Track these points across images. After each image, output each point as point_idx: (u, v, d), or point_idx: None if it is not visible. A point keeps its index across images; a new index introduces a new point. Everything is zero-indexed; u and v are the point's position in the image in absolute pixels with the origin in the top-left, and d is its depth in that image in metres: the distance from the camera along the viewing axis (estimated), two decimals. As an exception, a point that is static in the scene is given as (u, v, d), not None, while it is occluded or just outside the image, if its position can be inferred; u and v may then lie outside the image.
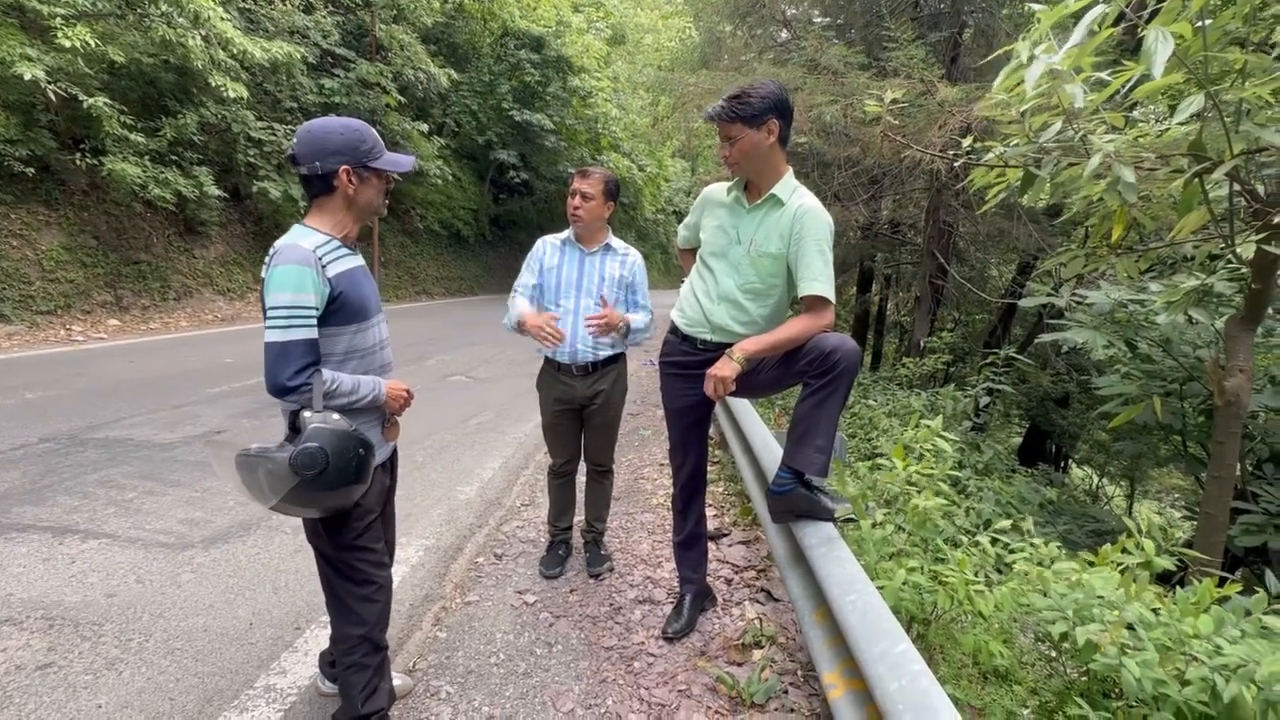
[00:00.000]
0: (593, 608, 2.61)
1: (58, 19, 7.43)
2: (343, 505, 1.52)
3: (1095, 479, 10.86)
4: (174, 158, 9.44)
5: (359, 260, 1.64)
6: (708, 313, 2.10)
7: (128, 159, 8.48)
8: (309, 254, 1.45)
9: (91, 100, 7.87)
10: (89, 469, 3.54)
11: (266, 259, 1.49)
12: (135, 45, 8.61)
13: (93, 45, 7.61)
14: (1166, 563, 1.84)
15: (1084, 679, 1.83)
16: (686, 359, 2.18)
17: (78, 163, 8.42)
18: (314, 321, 1.46)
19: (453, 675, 2.14)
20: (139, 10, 8.51)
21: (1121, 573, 1.74)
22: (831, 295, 1.90)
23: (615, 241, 2.69)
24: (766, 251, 2.00)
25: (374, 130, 1.57)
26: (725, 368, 1.88)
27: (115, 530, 2.89)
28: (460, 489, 3.83)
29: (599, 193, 2.56)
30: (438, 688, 2.07)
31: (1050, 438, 10.44)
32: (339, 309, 1.52)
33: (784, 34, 9.58)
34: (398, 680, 2.02)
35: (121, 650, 2.11)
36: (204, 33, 8.94)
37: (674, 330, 2.24)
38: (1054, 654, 1.94)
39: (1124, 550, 1.88)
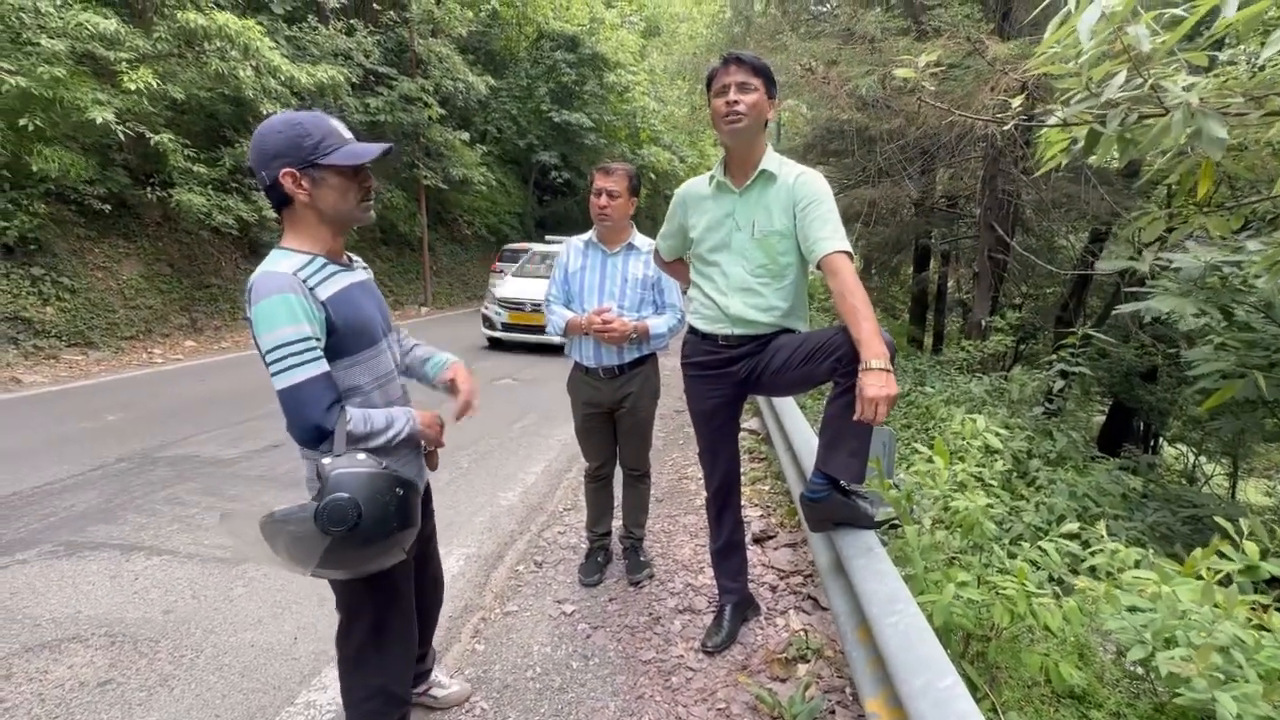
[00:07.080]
0: (631, 618, 2.54)
1: (123, 63, 7.94)
2: (393, 556, 1.33)
3: (1191, 458, 9.93)
4: (234, 184, 9.94)
5: (358, 275, 1.45)
6: (723, 307, 1.97)
7: (193, 189, 8.99)
8: (289, 279, 1.26)
9: (158, 138, 8.40)
10: (158, 486, 3.74)
11: (244, 297, 1.29)
12: (193, 81, 9.11)
13: (154, 85, 8.10)
14: (1275, 567, 1.59)
15: (1178, 700, 1.61)
16: (709, 358, 2.06)
17: (149, 196, 9.00)
18: (320, 353, 1.28)
19: (489, 690, 2.11)
20: (196, 48, 8.99)
21: (1220, 583, 1.51)
22: (850, 247, 1.78)
23: (640, 239, 2.59)
24: (772, 229, 1.87)
25: (329, 121, 1.35)
26: (887, 384, 1.50)
27: (177, 546, 3.02)
28: (503, 495, 3.83)
29: (624, 189, 2.47)
30: (473, 704, 2.04)
31: (1137, 415, 9.64)
32: (338, 339, 1.34)
33: (821, 7, 9.18)
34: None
35: (174, 666, 2.18)
36: (254, 63, 9.36)
37: (693, 330, 2.12)
38: (1141, 672, 1.71)
39: (1219, 554, 1.63)
